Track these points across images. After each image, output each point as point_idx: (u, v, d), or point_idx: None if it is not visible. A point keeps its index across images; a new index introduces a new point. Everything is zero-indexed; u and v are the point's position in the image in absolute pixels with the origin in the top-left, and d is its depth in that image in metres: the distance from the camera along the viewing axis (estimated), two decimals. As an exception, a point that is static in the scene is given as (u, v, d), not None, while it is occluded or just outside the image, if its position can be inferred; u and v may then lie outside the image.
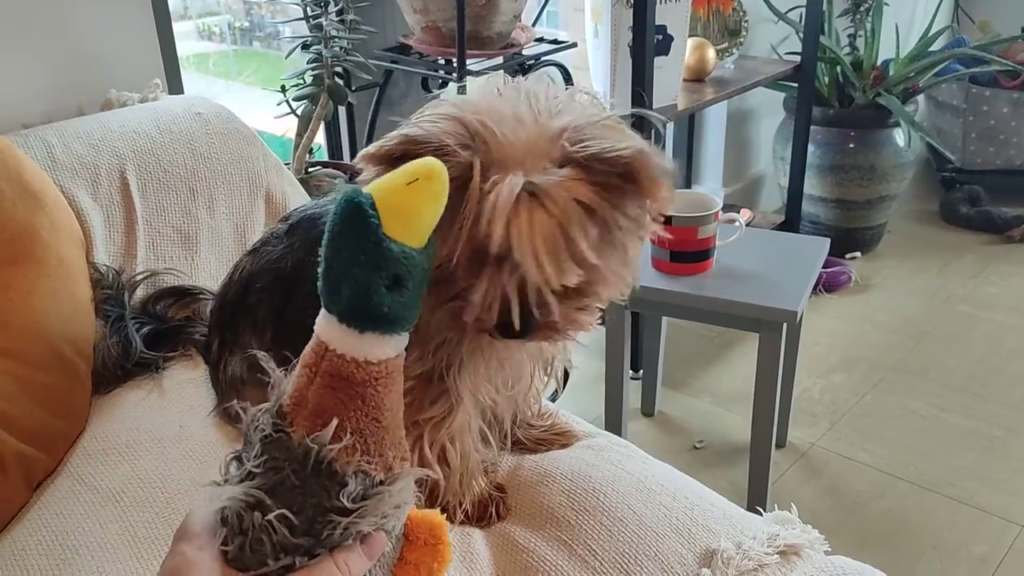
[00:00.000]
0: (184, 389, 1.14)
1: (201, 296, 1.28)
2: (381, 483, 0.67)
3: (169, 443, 1.03)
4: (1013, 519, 1.71)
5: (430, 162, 0.64)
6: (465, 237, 0.71)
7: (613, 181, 0.71)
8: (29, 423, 1.01)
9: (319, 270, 0.65)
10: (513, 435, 1.04)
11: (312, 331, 0.68)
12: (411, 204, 0.63)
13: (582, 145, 0.71)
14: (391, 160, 0.72)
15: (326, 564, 0.63)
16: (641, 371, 2.08)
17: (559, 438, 1.07)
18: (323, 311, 0.66)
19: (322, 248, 0.64)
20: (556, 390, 1.77)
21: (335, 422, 0.64)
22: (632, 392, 1.87)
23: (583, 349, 0.99)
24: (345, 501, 0.64)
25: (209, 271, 1.33)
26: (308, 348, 0.67)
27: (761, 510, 0.99)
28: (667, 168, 0.73)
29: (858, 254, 2.80)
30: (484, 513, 0.95)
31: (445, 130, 0.73)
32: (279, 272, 0.97)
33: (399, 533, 0.72)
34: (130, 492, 0.96)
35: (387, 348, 0.66)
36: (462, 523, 0.94)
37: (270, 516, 0.62)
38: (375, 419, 0.66)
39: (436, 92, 2.02)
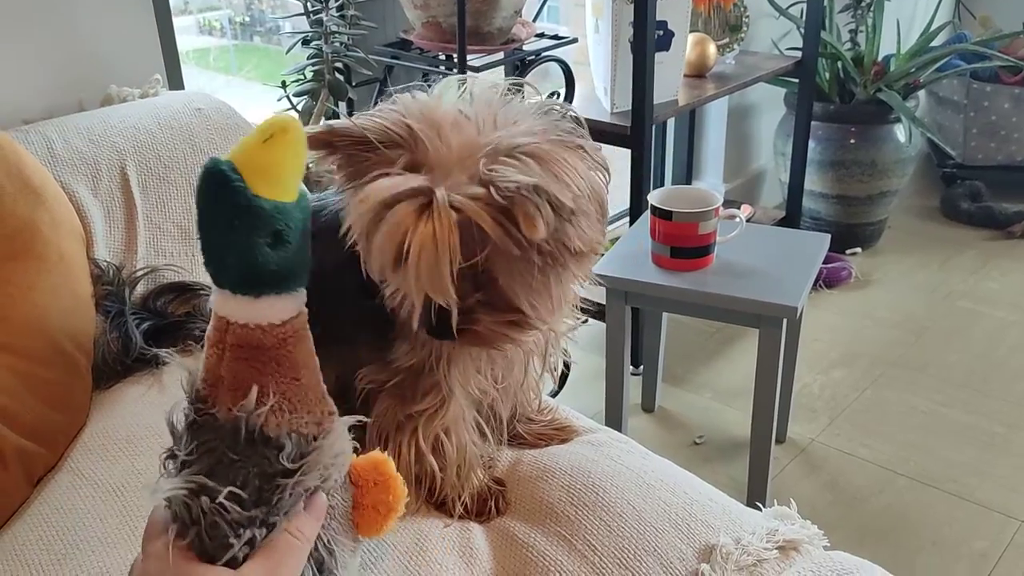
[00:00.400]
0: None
1: (201, 292, 1.28)
2: (315, 439, 0.68)
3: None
4: (1013, 514, 1.72)
5: (282, 117, 0.64)
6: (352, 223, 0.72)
7: (511, 210, 0.70)
8: (30, 418, 1.01)
9: (200, 248, 0.65)
10: (513, 430, 1.05)
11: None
12: (271, 160, 0.63)
13: (490, 168, 0.71)
14: (315, 145, 0.75)
15: (282, 538, 0.64)
16: (641, 367, 2.08)
17: (559, 433, 1.07)
18: (214, 288, 0.66)
19: (196, 225, 0.64)
20: (556, 386, 1.77)
21: (255, 390, 0.65)
22: (632, 388, 1.87)
23: (583, 345, 1.00)
24: (286, 463, 0.65)
25: (209, 267, 1.33)
26: (210, 327, 0.67)
27: (761, 505, 0.99)
28: (567, 207, 0.71)
29: (859, 250, 2.80)
30: (483, 507, 0.95)
31: (379, 126, 0.73)
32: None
33: (344, 483, 0.73)
34: (130, 487, 0.97)
35: (287, 307, 0.66)
36: (461, 517, 0.94)
37: (220, 497, 0.62)
38: (294, 379, 0.67)
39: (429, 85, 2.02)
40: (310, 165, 0.73)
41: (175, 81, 1.62)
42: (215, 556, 0.64)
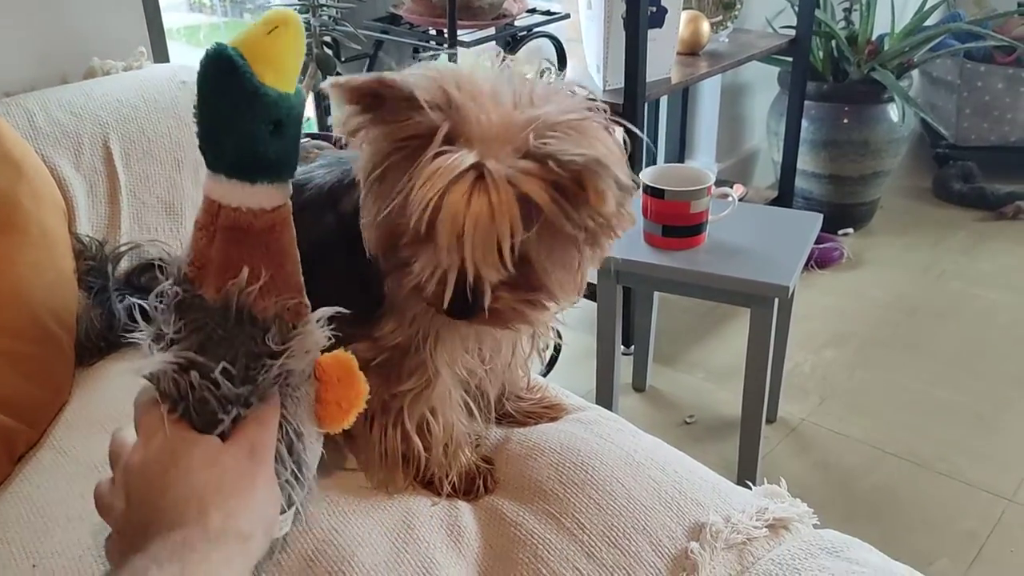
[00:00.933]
0: (169, 362, 1.13)
1: (186, 268, 1.26)
2: (294, 327, 0.70)
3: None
4: (1001, 494, 1.72)
5: (284, 10, 0.65)
6: (410, 201, 0.69)
7: (568, 184, 0.69)
8: (11, 395, 0.99)
9: (197, 132, 0.67)
10: (502, 408, 1.03)
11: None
12: (276, 50, 0.64)
13: (542, 141, 0.69)
14: (359, 96, 0.71)
15: (251, 421, 0.67)
16: (632, 346, 2.07)
17: (548, 411, 1.06)
18: (208, 173, 0.68)
19: (196, 110, 0.66)
20: (546, 365, 1.76)
21: (247, 270, 0.67)
22: (623, 367, 1.86)
23: (574, 324, 0.99)
24: (272, 344, 0.67)
25: (194, 243, 1.31)
26: (199, 212, 0.69)
27: (751, 484, 0.98)
28: (625, 182, 0.70)
29: (850, 230, 2.80)
30: (471, 486, 0.94)
31: (422, 86, 0.71)
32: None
33: (310, 377, 0.73)
34: (113, 464, 0.95)
35: (278, 195, 0.69)
36: (449, 496, 0.93)
37: (215, 372, 0.65)
38: (280, 264, 0.69)
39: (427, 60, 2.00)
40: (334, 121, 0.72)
41: (160, 54, 1.59)
42: (202, 431, 0.66)
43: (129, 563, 0.58)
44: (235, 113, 0.64)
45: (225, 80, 0.63)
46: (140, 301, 0.71)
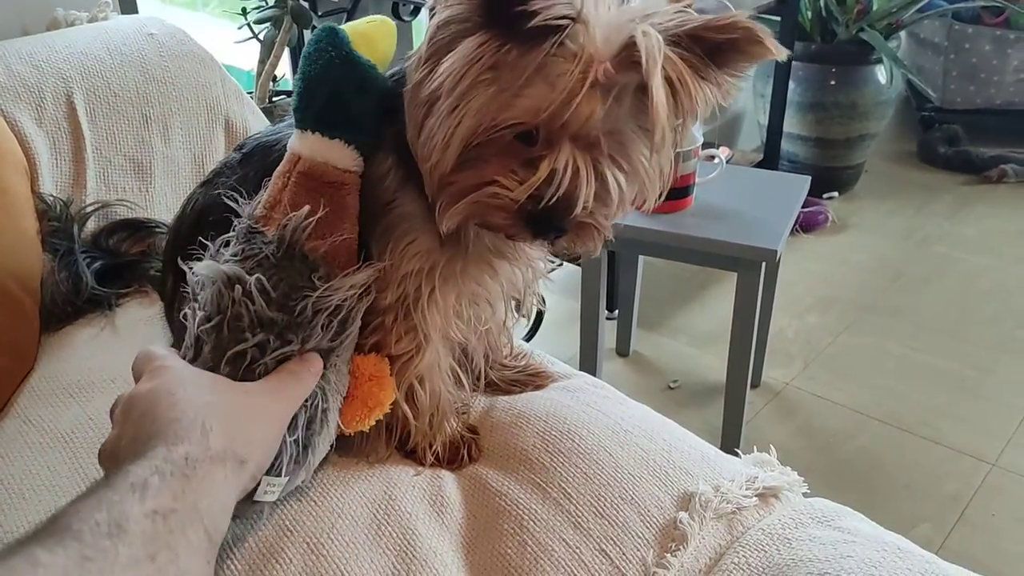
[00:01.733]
0: (138, 327, 1.09)
1: (156, 229, 1.21)
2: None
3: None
4: (984, 458, 1.72)
5: (381, 16, 0.81)
6: (565, 96, 0.66)
7: (697, 61, 0.68)
8: (-29, 362, 0.95)
9: (294, 91, 0.79)
10: (486, 376, 1.00)
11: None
12: (372, 32, 0.81)
13: (681, 21, 0.67)
14: None
15: (288, 368, 0.74)
16: (616, 311, 2.05)
17: (533, 379, 1.03)
18: (295, 132, 0.79)
19: (297, 72, 0.80)
20: (534, 327, 1.73)
21: (307, 208, 0.77)
22: (607, 332, 1.84)
23: (558, 289, 0.96)
24: (315, 280, 0.76)
25: (165, 203, 1.26)
26: (281, 164, 0.80)
27: (738, 453, 0.96)
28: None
29: (835, 194, 2.78)
30: (455, 455, 0.91)
31: None
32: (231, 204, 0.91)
33: (344, 369, 0.81)
34: (81, 434, 0.91)
35: (350, 158, 0.79)
36: (433, 465, 0.91)
37: (249, 285, 0.74)
38: (339, 218, 0.79)
39: (407, 19, 1.94)
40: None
41: (127, 5, 1.53)
42: (226, 349, 0.74)
43: (125, 470, 0.58)
44: (329, 68, 0.77)
45: (326, 41, 0.77)
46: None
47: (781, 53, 0.70)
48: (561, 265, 1.24)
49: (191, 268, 0.78)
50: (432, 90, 0.71)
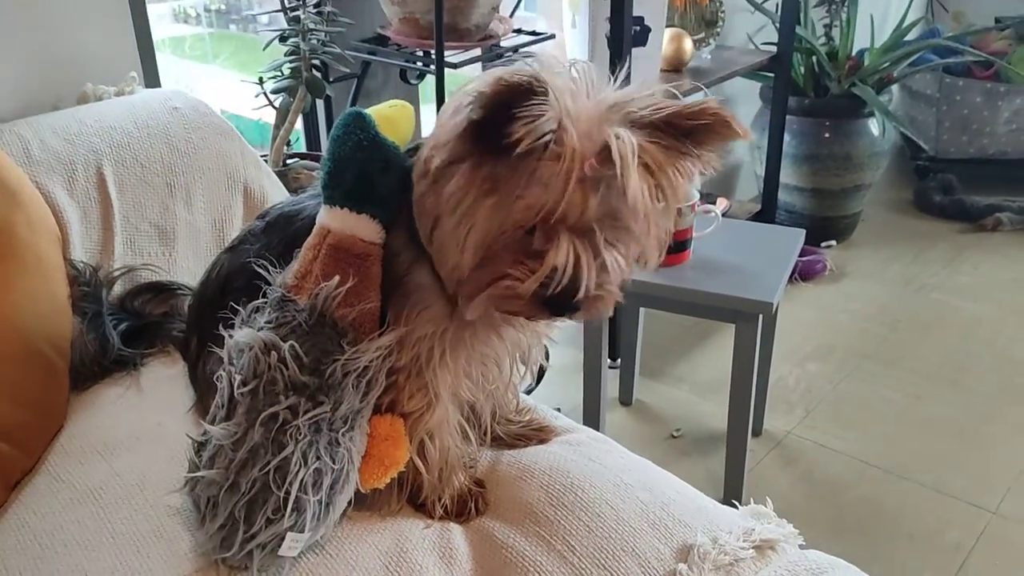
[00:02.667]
0: (162, 386, 1.14)
1: (179, 291, 1.27)
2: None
3: (148, 441, 1.03)
4: (985, 506, 1.75)
5: (401, 100, 0.89)
6: (558, 194, 0.73)
7: (673, 143, 0.76)
8: (7, 422, 1.00)
9: (322, 172, 0.86)
10: (492, 431, 1.05)
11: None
12: (395, 116, 0.91)
13: (654, 108, 0.75)
14: (529, 87, 0.72)
15: None
16: (619, 360, 2.09)
17: (537, 433, 1.08)
18: (324, 208, 0.86)
19: (326, 152, 0.86)
20: (536, 380, 1.78)
21: (337, 278, 0.83)
22: (610, 381, 1.88)
23: (560, 338, 1.02)
24: (344, 344, 0.83)
25: (187, 266, 1.32)
26: (310, 237, 0.87)
27: (737, 503, 1.00)
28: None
29: (833, 243, 2.83)
30: (463, 508, 0.96)
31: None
32: (257, 271, 0.97)
33: (362, 429, 0.86)
34: (108, 490, 0.96)
35: (375, 231, 0.86)
36: (441, 518, 0.95)
37: (284, 352, 0.80)
38: (366, 287, 0.85)
39: (414, 83, 2.02)
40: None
41: (151, 78, 1.60)
42: (260, 411, 0.79)
43: None
44: (358, 149, 0.84)
45: (355, 124, 0.85)
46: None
47: (748, 136, 0.79)
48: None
49: (230, 334, 0.84)
50: (437, 207, 0.79)
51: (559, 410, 1.16)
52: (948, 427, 1.99)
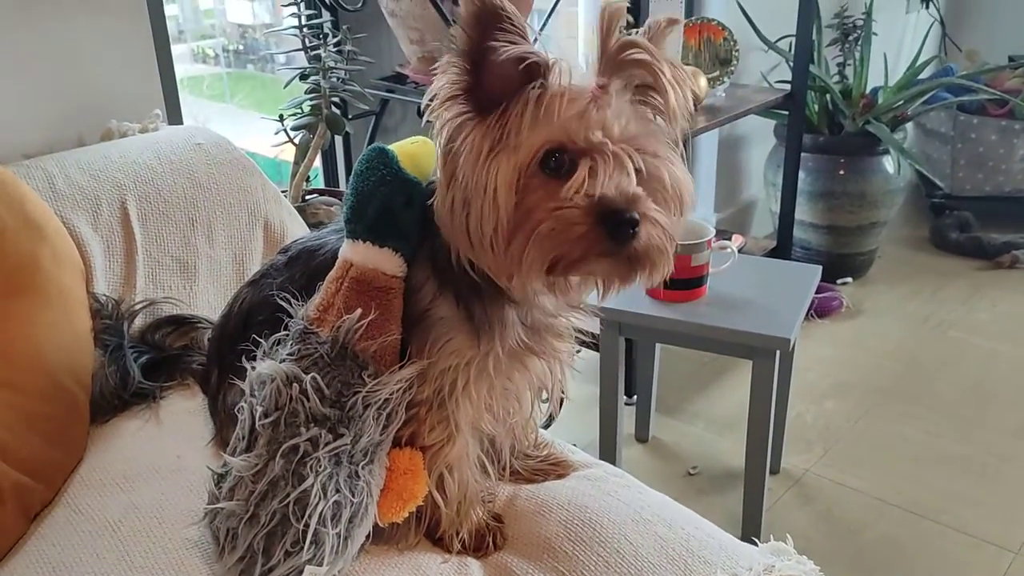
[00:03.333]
0: (181, 419, 1.15)
1: (199, 325, 1.28)
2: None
3: (167, 474, 1.03)
4: (1007, 546, 1.72)
5: (423, 136, 0.87)
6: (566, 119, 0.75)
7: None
8: (27, 454, 1.01)
9: (345, 207, 0.87)
10: (510, 465, 1.05)
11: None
12: (417, 152, 0.88)
13: (630, 52, 0.77)
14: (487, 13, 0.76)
15: None
16: (635, 396, 2.08)
17: (555, 468, 1.08)
18: (347, 242, 0.87)
19: (349, 187, 0.87)
20: (551, 416, 1.78)
21: (359, 311, 0.84)
22: (626, 417, 1.88)
23: (576, 373, 1.01)
24: (365, 377, 0.83)
25: (207, 300, 1.33)
26: (333, 270, 0.88)
27: (756, 540, 0.99)
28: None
29: (849, 280, 2.82)
30: (481, 543, 0.95)
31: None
32: (279, 304, 0.98)
33: (385, 464, 0.87)
34: (127, 523, 0.96)
35: (397, 265, 0.87)
36: (459, 552, 0.95)
37: (306, 384, 0.81)
38: (387, 319, 0.86)
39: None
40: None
41: (174, 116, 1.63)
42: (281, 443, 0.80)
43: None
44: (380, 184, 0.85)
45: (378, 160, 0.86)
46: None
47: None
48: (579, 351, 1.28)
49: (252, 366, 0.84)
50: (463, 194, 0.78)
51: (575, 446, 1.16)
52: (968, 466, 1.97)
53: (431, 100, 0.78)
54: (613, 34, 0.77)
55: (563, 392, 1.05)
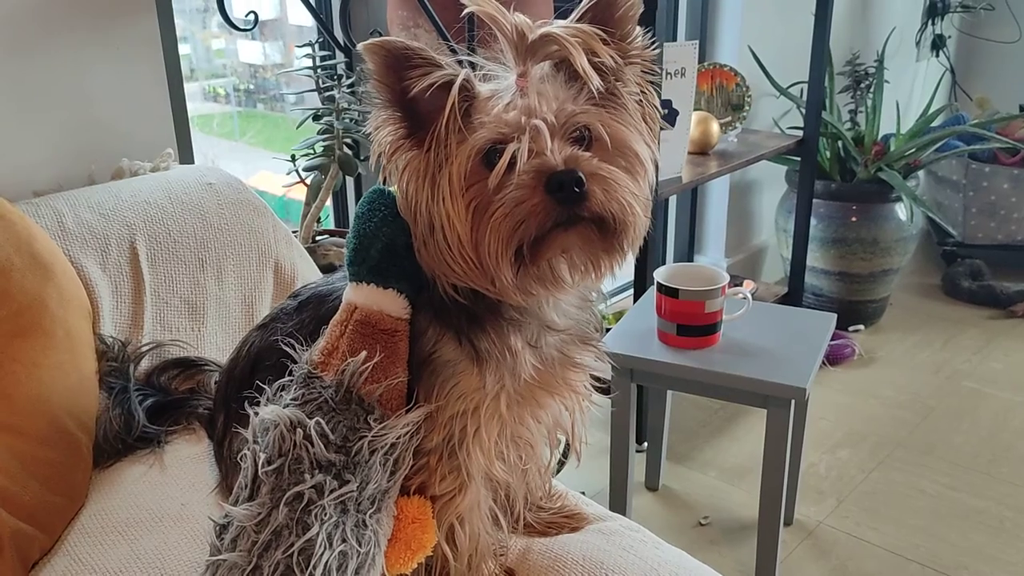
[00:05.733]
0: (186, 465, 1.12)
1: (206, 368, 1.26)
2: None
3: (170, 522, 1.01)
4: (1027, 604, 1.68)
5: None
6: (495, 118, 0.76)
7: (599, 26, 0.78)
8: (28, 500, 0.98)
9: (347, 250, 0.86)
10: (523, 517, 1.02)
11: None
12: None
13: (529, 36, 0.77)
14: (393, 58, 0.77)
15: None
16: (645, 443, 2.05)
17: (569, 521, 1.05)
18: (351, 286, 0.86)
19: (351, 230, 0.86)
20: (562, 461, 1.75)
21: (363, 354, 0.82)
22: (636, 465, 1.84)
23: (587, 420, 0.98)
24: (371, 422, 0.81)
25: (215, 342, 1.31)
26: (337, 314, 0.86)
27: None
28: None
29: (861, 327, 2.80)
30: (492, 599, 0.92)
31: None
32: (287, 350, 0.96)
33: (390, 511, 0.84)
34: (128, 572, 0.94)
35: (402, 306, 0.85)
36: (470, 609, 0.92)
37: (310, 430, 0.79)
38: (393, 362, 0.84)
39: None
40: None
41: (186, 155, 1.63)
42: (285, 491, 0.77)
43: None
44: (383, 225, 0.84)
45: (379, 201, 0.85)
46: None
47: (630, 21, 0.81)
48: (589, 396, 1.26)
49: (255, 412, 0.82)
50: (428, 222, 0.79)
51: (583, 494, 1.13)
52: (985, 519, 1.92)
53: (379, 157, 0.80)
54: (504, 27, 0.77)
55: (583, 439, 1.02)
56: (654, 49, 0.84)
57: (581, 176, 0.74)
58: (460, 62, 0.79)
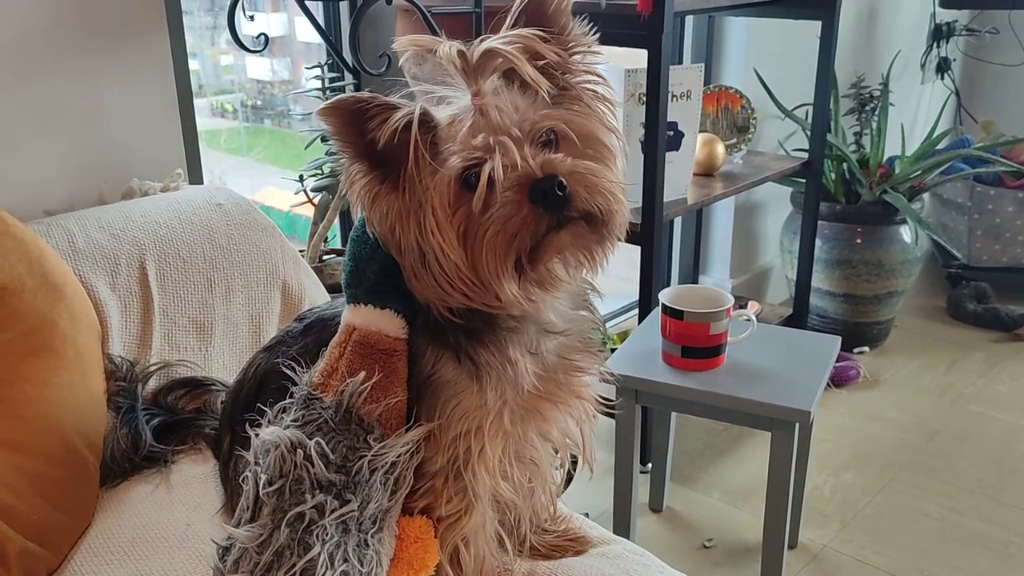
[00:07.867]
0: (192, 485, 1.13)
1: (213, 388, 1.27)
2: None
3: (175, 542, 1.01)
4: (1033, 631, 1.67)
5: None
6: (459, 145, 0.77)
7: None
8: (35, 519, 0.99)
9: (344, 272, 0.88)
10: (528, 539, 1.02)
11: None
12: None
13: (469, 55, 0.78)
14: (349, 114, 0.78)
15: None
16: (649, 464, 2.05)
17: (573, 544, 1.05)
18: (348, 308, 0.87)
19: (347, 253, 0.87)
20: (571, 475, 1.75)
21: (362, 374, 0.83)
22: (640, 486, 1.84)
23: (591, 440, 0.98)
24: (371, 441, 0.82)
25: (223, 362, 1.32)
26: (336, 336, 0.87)
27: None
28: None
29: (866, 349, 2.80)
30: (496, 623, 0.92)
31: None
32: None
33: (391, 530, 0.85)
34: (135, 593, 0.94)
35: (399, 326, 0.86)
36: (474, 632, 0.92)
37: (310, 450, 0.79)
38: (392, 382, 0.85)
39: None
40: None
41: (195, 175, 1.64)
42: (286, 511, 0.78)
43: None
44: (378, 247, 0.84)
45: None
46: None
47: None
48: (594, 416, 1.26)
49: (256, 434, 0.83)
50: (419, 254, 0.81)
51: (587, 515, 1.13)
52: (991, 544, 1.91)
53: (360, 209, 0.82)
54: (444, 54, 0.78)
55: (594, 451, 1.02)
56: (592, 47, 0.86)
57: (562, 179, 0.76)
58: (411, 95, 0.81)
